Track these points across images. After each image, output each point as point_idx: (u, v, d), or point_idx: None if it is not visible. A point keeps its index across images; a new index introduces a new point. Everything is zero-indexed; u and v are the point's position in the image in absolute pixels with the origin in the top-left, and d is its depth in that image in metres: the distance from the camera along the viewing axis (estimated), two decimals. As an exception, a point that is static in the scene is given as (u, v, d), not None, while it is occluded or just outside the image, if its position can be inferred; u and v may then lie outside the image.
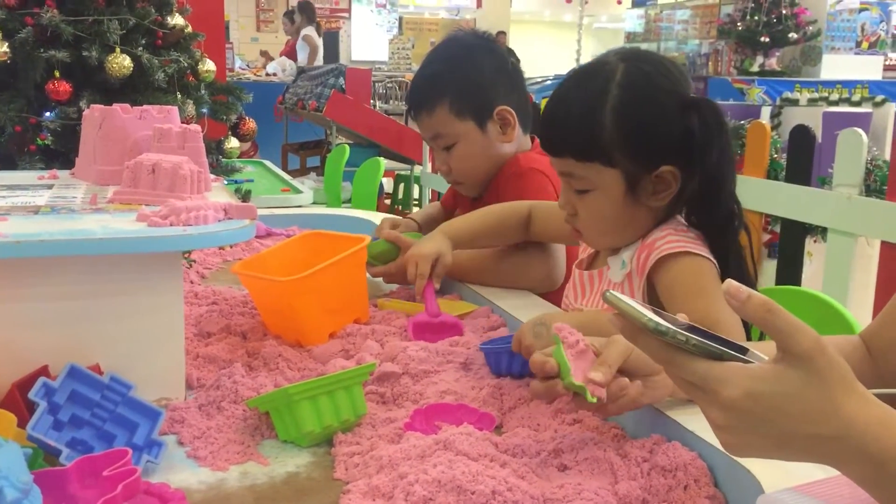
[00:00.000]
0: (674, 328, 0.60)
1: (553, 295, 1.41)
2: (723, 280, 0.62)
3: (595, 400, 0.80)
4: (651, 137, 1.07)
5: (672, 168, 1.08)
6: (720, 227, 1.10)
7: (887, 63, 8.39)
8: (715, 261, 1.08)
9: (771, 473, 0.71)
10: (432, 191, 4.63)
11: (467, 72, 1.55)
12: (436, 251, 1.33)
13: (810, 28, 7.98)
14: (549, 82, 8.64)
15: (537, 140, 1.67)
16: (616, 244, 1.16)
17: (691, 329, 0.61)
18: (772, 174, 2.82)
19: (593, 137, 1.07)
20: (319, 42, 8.82)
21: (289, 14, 9.31)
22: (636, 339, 0.63)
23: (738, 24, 8.16)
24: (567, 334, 0.84)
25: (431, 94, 1.55)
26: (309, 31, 8.67)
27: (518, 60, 1.63)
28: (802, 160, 2.53)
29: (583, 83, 1.11)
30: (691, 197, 1.10)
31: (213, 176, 1.23)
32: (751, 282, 1.12)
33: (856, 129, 2.19)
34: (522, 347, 1.00)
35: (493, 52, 1.60)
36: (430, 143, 1.62)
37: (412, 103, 1.60)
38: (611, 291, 0.64)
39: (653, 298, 1.10)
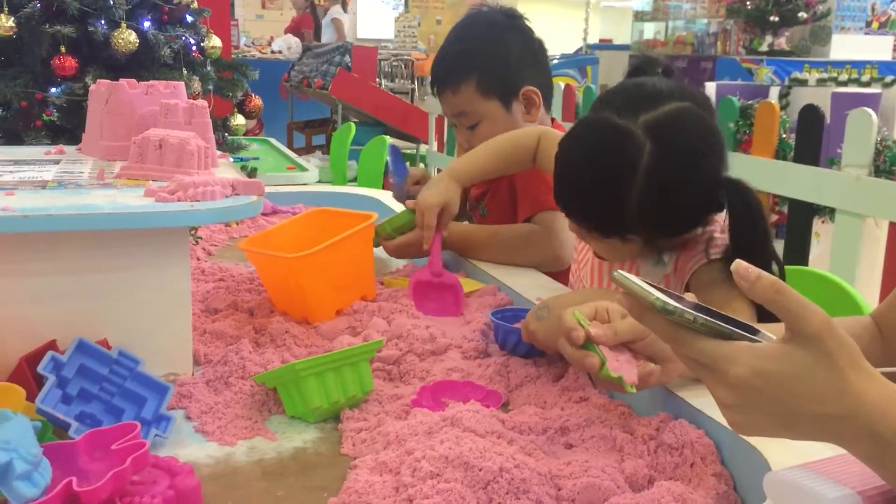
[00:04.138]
0: (681, 307, 0.59)
1: (561, 274, 1.40)
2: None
3: (634, 390, 0.79)
4: (677, 218, 1.03)
5: (695, 228, 1.05)
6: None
7: (897, 43, 8.30)
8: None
9: (778, 451, 0.71)
10: (438, 169, 4.62)
11: (495, 50, 1.52)
12: (441, 201, 1.29)
13: (820, 7, 7.90)
14: (555, 62, 8.59)
15: (557, 121, 1.66)
16: None
17: (699, 308, 0.61)
18: (780, 154, 2.80)
19: (616, 220, 1.01)
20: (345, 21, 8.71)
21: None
22: (643, 318, 0.63)
23: (748, 2, 8.09)
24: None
25: (458, 71, 1.53)
26: (338, 11, 8.53)
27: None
28: (811, 140, 2.52)
29: (604, 159, 1.00)
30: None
31: (219, 152, 1.22)
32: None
33: (865, 109, 2.17)
34: (528, 333, 0.99)
35: (520, 30, 1.57)
36: (452, 120, 1.60)
37: (437, 79, 1.57)
38: (619, 271, 0.64)
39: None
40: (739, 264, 0.58)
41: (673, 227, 1.04)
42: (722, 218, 1.11)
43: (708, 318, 0.59)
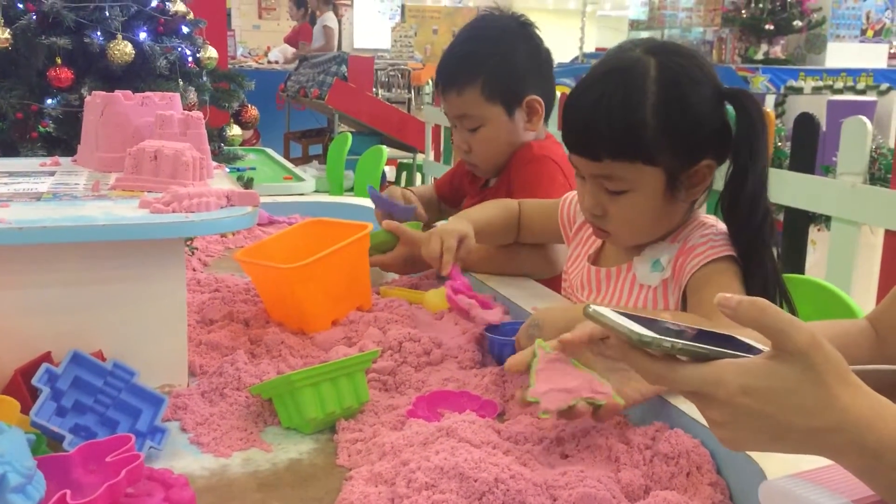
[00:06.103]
0: (658, 337, 0.59)
1: (553, 281, 1.41)
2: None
3: (547, 415, 0.79)
4: (693, 132, 1.05)
5: (710, 161, 1.07)
6: (756, 228, 1.06)
7: (892, 51, 8.32)
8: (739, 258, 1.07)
9: (774, 460, 0.71)
10: (434, 179, 4.62)
11: (504, 56, 1.52)
12: (463, 231, 1.26)
13: (815, 16, 7.92)
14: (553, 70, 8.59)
15: (551, 135, 1.66)
16: (646, 240, 1.15)
17: (677, 332, 0.61)
18: (776, 162, 2.81)
19: (636, 138, 1.03)
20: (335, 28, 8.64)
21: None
22: (627, 356, 0.63)
23: (743, 11, 8.11)
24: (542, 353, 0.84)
25: (464, 73, 1.52)
26: (329, 19, 8.50)
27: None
28: (807, 148, 2.52)
29: (615, 81, 1.05)
30: (727, 195, 1.07)
31: (215, 163, 1.22)
32: (785, 294, 1.08)
33: (860, 117, 2.17)
34: (521, 350, 0.99)
35: (530, 38, 1.57)
36: (453, 121, 1.59)
37: (442, 79, 1.56)
38: (592, 307, 0.63)
39: (684, 300, 1.09)
40: (721, 296, 0.59)
41: (690, 147, 1.06)
42: (720, 224, 1.12)
43: (686, 342, 0.59)
